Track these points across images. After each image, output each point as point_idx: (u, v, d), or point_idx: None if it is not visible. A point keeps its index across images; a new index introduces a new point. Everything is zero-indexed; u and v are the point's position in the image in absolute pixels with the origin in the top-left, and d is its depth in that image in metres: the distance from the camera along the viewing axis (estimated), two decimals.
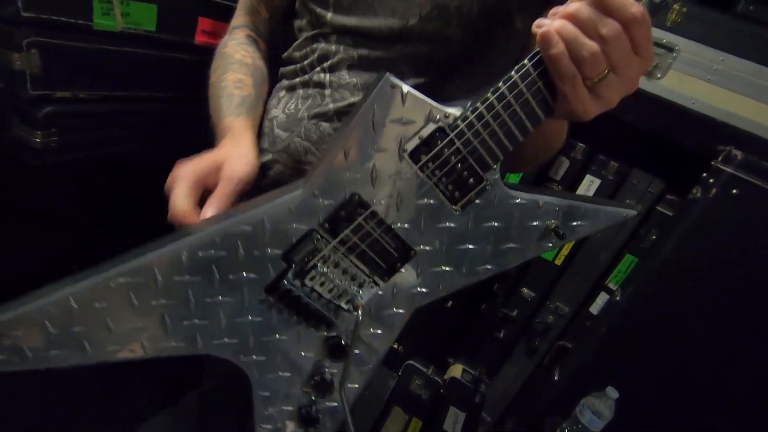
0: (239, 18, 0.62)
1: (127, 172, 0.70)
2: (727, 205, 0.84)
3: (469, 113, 0.39)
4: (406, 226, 0.43)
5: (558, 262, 1.13)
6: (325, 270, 0.43)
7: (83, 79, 0.61)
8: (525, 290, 1.17)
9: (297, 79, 0.58)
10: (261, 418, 0.49)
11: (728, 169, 0.84)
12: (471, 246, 0.45)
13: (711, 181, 0.86)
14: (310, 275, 0.43)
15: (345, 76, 0.53)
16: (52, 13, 0.54)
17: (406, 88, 0.38)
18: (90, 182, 0.63)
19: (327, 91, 0.55)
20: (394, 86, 0.38)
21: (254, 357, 0.46)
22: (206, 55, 0.59)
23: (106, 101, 0.65)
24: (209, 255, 0.41)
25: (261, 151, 0.61)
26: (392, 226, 0.42)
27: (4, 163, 0.61)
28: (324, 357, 0.48)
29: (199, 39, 0.73)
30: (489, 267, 0.46)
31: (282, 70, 0.61)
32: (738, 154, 0.84)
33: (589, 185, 1.05)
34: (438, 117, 0.39)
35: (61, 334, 0.40)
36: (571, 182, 1.08)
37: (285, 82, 0.60)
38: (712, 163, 0.87)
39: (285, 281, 0.42)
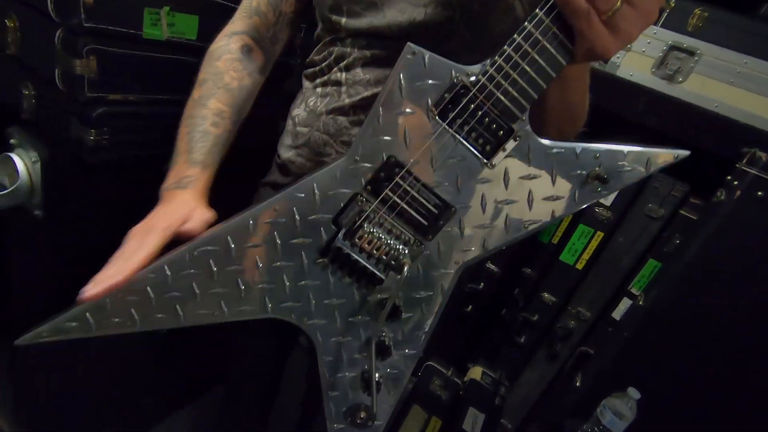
0: (240, 21, 0.63)
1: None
2: (752, 208, 0.83)
3: (488, 67, 0.41)
4: (443, 183, 0.45)
5: (579, 266, 1.12)
6: (371, 230, 0.46)
7: (133, 84, 0.67)
8: (546, 295, 1.17)
9: (317, 80, 0.62)
10: (327, 384, 0.52)
11: (753, 171, 0.83)
12: (511, 200, 0.45)
13: (735, 183, 0.85)
14: (358, 234, 0.46)
15: (359, 73, 0.58)
16: (109, 23, 0.61)
17: (426, 53, 0.42)
18: (136, 179, 0.69)
19: (343, 88, 0.59)
20: (415, 53, 0.42)
21: (316, 320, 0.49)
22: None
23: (152, 104, 0.72)
24: (271, 222, 0.46)
25: (284, 147, 0.66)
26: (429, 185, 0.45)
27: (67, 161, 0.68)
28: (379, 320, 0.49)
29: None
30: (533, 220, 0.46)
31: (304, 72, 0.66)
32: (762, 156, 0.83)
33: None
34: (459, 75, 0.42)
35: (159, 299, 0.46)
36: None
37: (307, 84, 0.65)
38: (737, 165, 0.86)
39: (336, 242, 0.46)
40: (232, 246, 0.46)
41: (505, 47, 0.40)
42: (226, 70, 0.59)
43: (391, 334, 0.50)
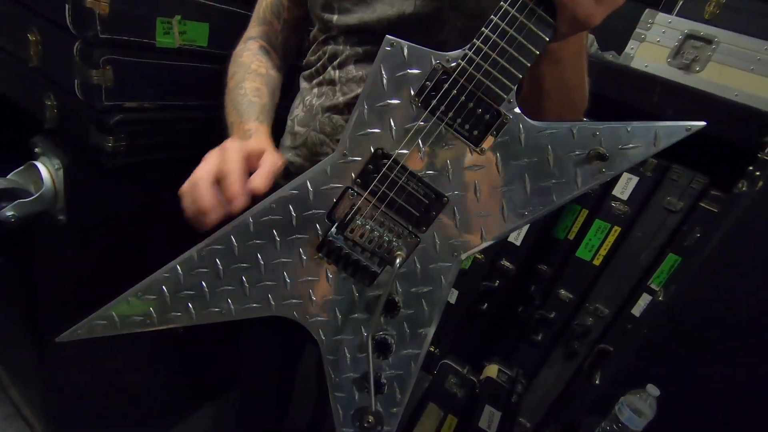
0: (253, 29, 0.67)
1: (188, 174, 0.78)
2: None
3: (467, 51, 0.41)
4: (432, 172, 0.44)
5: (597, 262, 1.10)
6: (362, 223, 0.46)
7: (148, 91, 0.70)
8: (562, 291, 1.15)
9: (314, 80, 0.63)
10: (333, 385, 0.51)
11: None
12: (506, 187, 0.44)
13: (757, 174, 0.83)
14: (350, 228, 0.46)
15: (352, 70, 0.58)
16: (123, 33, 0.63)
17: (405, 43, 0.42)
18: (154, 182, 0.71)
19: (337, 87, 0.60)
20: (393, 44, 0.42)
21: (318, 318, 0.50)
22: None
23: (167, 110, 0.74)
24: (269, 219, 0.47)
25: (284, 148, 0.67)
26: (417, 174, 0.44)
27: (87, 167, 0.71)
28: (379, 316, 0.49)
29: None
30: (533, 208, 0.44)
31: (302, 73, 0.67)
32: None
33: (626, 183, 1.03)
34: (440, 62, 0.42)
35: (173, 298, 0.49)
36: (607, 183, 1.06)
37: (304, 84, 0.66)
38: (759, 155, 0.84)
39: (329, 236, 0.46)
40: (235, 244, 0.48)
41: (483, 29, 0.40)
42: (252, 61, 0.62)
43: (393, 332, 0.49)
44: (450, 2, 0.54)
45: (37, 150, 0.73)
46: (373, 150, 0.44)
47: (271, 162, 0.48)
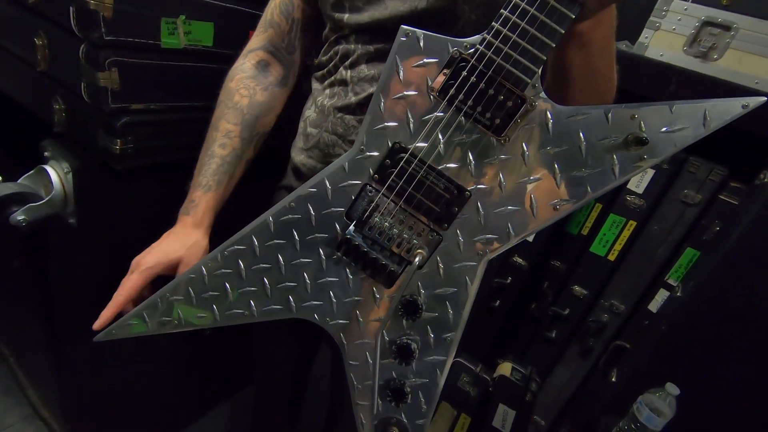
0: (255, 39, 0.66)
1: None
2: None
3: (485, 35, 0.38)
4: (453, 165, 0.41)
5: (611, 257, 1.08)
6: (380, 220, 0.44)
7: (154, 92, 0.70)
8: (576, 288, 1.14)
9: (325, 81, 0.62)
10: (356, 393, 0.49)
11: None
12: (533, 177, 0.40)
13: None
14: (368, 225, 0.45)
15: (364, 69, 0.57)
16: (128, 35, 0.63)
17: (420, 32, 0.40)
18: (163, 183, 0.71)
19: (349, 87, 0.58)
20: (408, 34, 0.40)
21: (339, 320, 0.48)
22: None
23: (173, 111, 0.74)
24: (288, 219, 0.46)
25: (296, 150, 0.67)
26: (437, 168, 0.42)
27: (96, 170, 0.72)
28: (401, 319, 0.47)
29: None
30: (564, 199, 0.40)
31: (314, 74, 0.66)
32: None
33: (642, 176, 1.01)
34: (457, 49, 0.40)
35: (198, 299, 0.49)
36: None
37: (316, 85, 0.65)
38: None
39: (347, 233, 0.45)
40: (256, 245, 0.47)
41: (502, 10, 0.37)
42: (237, 89, 0.63)
43: (416, 337, 0.46)
44: None
45: (46, 154, 0.73)
46: (390, 144, 0.42)
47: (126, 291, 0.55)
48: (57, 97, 0.71)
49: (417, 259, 0.43)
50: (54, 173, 0.71)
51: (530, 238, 1.14)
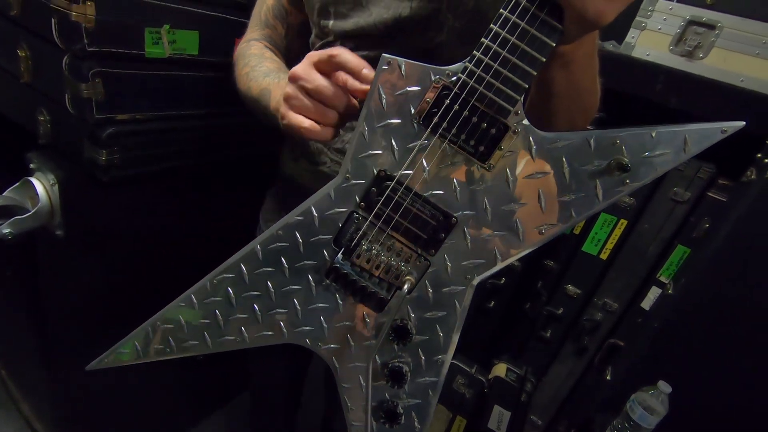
0: (255, 32, 0.66)
1: (184, 183, 0.77)
2: None
3: (467, 63, 0.39)
4: (439, 192, 0.42)
5: (603, 256, 1.09)
6: (369, 248, 0.45)
7: (140, 102, 0.69)
8: (570, 287, 1.14)
9: None
10: (350, 414, 0.50)
11: None
12: (519, 203, 0.41)
13: (766, 161, 0.80)
14: (356, 253, 0.45)
15: None
16: (112, 45, 0.62)
17: (401, 60, 0.40)
18: (151, 193, 0.71)
19: None
20: (390, 62, 0.41)
21: (331, 345, 0.49)
22: None
23: (159, 120, 0.74)
24: (276, 247, 0.47)
25: (284, 157, 0.66)
26: (423, 194, 0.42)
27: (83, 181, 0.71)
28: (392, 343, 0.47)
29: None
30: (550, 224, 0.40)
31: None
32: None
33: None
34: (439, 77, 0.40)
35: (189, 327, 0.50)
36: None
37: None
38: (767, 141, 0.81)
39: (335, 262, 0.45)
40: (245, 272, 0.47)
41: (483, 39, 0.38)
42: (264, 51, 0.62)
43: (408, 360, 0.47)
44: (447, 3, 0.52)
45: (32, 165, 0.72)
46: (375, 172, 0.43)
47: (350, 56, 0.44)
48: (41, 109, 0.71)
49: (406, 285, 0.44)
50: (40, 185, 0.70)
51: None
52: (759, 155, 0.81)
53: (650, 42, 0.94)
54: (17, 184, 0.71)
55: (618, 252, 1.06)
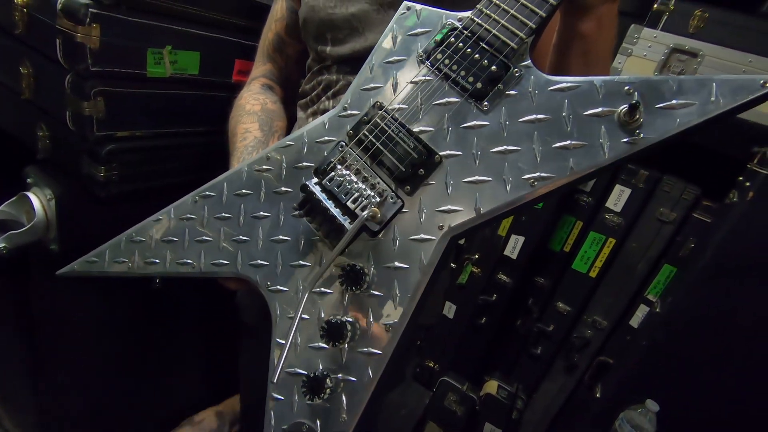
0: (258, 69, 0.70)
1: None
2: (765, 209, 0.81)
3: (479, 6, 0.40)
4: (428, 128, 0.40)
5: (593, 274, 1.11)
6: (343, 172, 0.42)
7: (139, 120, 0.70)
8: (560, 304, 1.15)
9: (309, 110, 0.64)
10: (273, 383, 0.43)
11: (764, 171, 0.81)
12: (510, 148, 0.37)
13: (747, 184, 0.83)
14: (329, 176, 0.42)
15: None
16: (114, 65, 0.64)
17: (419, 6, 0.42)
18: (147, 210, 0.71)
19: None
20: (409, 8, 0.43)
21: (279, 286, 0.45)
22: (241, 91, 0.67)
23: (159, 137, 0.75)
24: (261, 170, 0.47)
25: None
26: (410, 127, 0.40)
27: (80, 196, 0.72)
28: (342, 294, 0.42)
29: (236, 78, 0.82)
30: (543, 174, 0.36)
31: (298, 102, 0.68)
32: None
33: (619, 195, 1.04)
34: (450, 20, 0.41)
35: (157, 243, 0.50)
36: (601, 195, 1.07)
37: (300, 113, 0.67)
38: (748, 165, 0.84)
39: (308, 183, 0.43)
40: (225, 193, 0.48)
41: None
42: (247, 101, 0.64)
43: (355, 319, 0.40)
44: None
45: (29, 180, 0.73)
46: (372, 103, 0.43)
47: None
48: (41, 124, 0.72)
49: (365, 212, 0.39)
50: (36, 200, 0.70)
51: (514, 256, 1.16)
52: (740, 178, 0.84)
53: (636, 67, 0.98)
54: (14, 198, 0.72)
55: (607, 270, 1.08)
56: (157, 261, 0.50)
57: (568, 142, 0.35)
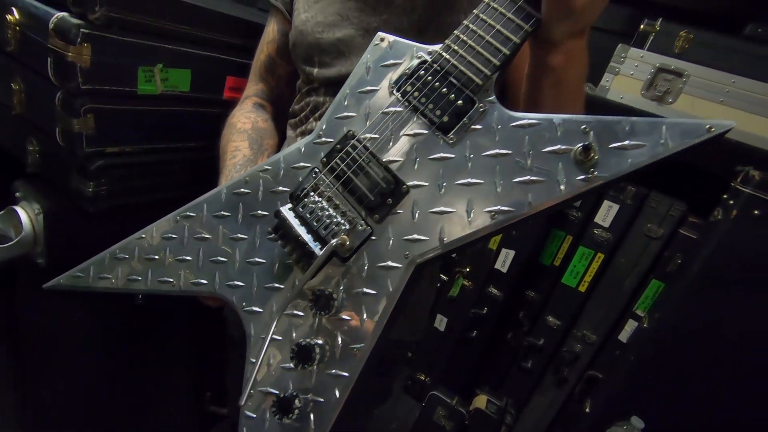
0: (250, 88, 0.71)
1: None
2: (749, 226, 0.82)
3: (448, 41, 0.42)
4: (397, 159, 0.41)
5: (582, 288, 1.11)
6: (317, 199, 0.44)
7: (129, 136, 0.71)
8: (550, 318, 1.16)
9: (297, 130, 0.65)
10: (247, 401, 0.44)
11: (747, 190, 0.82)
12: (473, 180, 0.38)
13: (731, 202, 0.84)
14: (302, 203, 0.44)
15: None
16: (105, 83, 0.64)
17: (392, 37, 0.44)
18: (135, 225, 0.72)
19: None
20: (383, 38, 0.45)
21: (253, 307, 0.46)
22: (233, 107, 0.69)
23: (148, 153, 0.75)
24: (239, 192, 0.48)
25: None
26: (380, 157, 0.42)
27: (68, 211, 0.72)
28: (312, 318, 0.43)
29: (227, 94, 0.83)
30: (503, 208, 0.37)
31: (288, 122, 0.69)
32: (756, 174, 0.82)
33: (607, 211, 1.05)
34: (421, 53, 0.43)
35: (139, 260, 0.51)
36: (590, 210, 1.08)
37: (290, 133, 0.68)
38: (732, 184, 0.86)
39: (282, 210, 0.45)
40: (205, 213, 0.49)
41: (464, 21, 0.41)
42: (239, 120, 0.65)
43: (323, 342, 0.41)
44: None
45: (18, 194, 0.73)
46: (345, 131, 0.45)
47: None
48: (31, 139, 0.72)
49: (335, 240, 0.41)
50: (24, 214, 0.70)
51: (504, 269, 1.17)
52: (725, 196, 0.86)
53: (623, 86, 1.00)
54: (2, 212, 0.72)
55: (596, 285, 1.09)
56: (139, 278, 0.51)
57: (528, 177, 0.37)
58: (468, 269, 1.23)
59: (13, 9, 0.65)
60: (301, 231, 0.43)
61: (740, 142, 0.88)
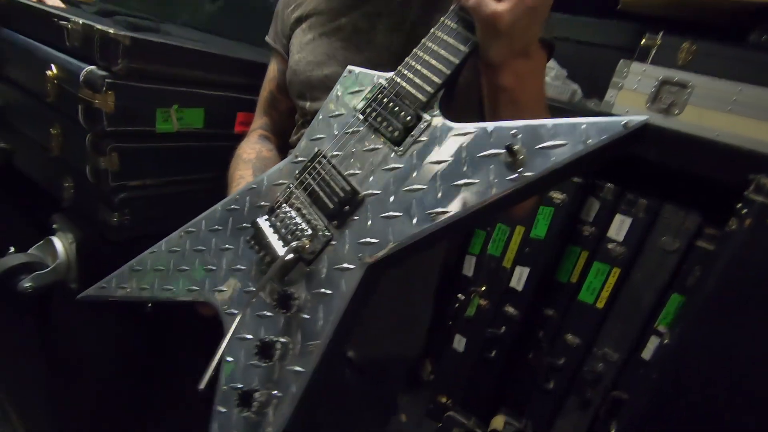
0: (256, 122, 0.77)
1: None
2: (765, 235, 0.79)
3: (400, 67, 0.48)
4: (357, 171, 0.47)
5: (600, 305, 1.08)
6: (287, 210, 0.50)
7: (150, 170, 0.78)
8: (569, 336, 1.13)
9: None
10: (219, 395, 0.47)
11: (759, 199, 0.80)
12: (417, 186, 0.43)
13: (745, 212, 0.82)
14: (275, 213, 0.50)
15: None
16: (127, 125, 0.72)
17: (358, 69, 0.51)
18: None
19: None
20: (351, 70, 0.51)
21: (233, 310, 0.51)
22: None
23: (167, 185, 0.82)
24: (230, 208, 0.54)
25: None
26: (341, 170, 0.48)
27: (98, 240, 0.79)
28: (278, 315, 0.46)
29: (238, 129, 0.90)
30: (442, 210, 0.40)
31: (289, 151, 0.73)
32: (767, 182, 0.80)
33: (620, 225, 1.03)
34: (380, 80, 0.49)
35: (149, 271, 0.57)
36: (604, 224, 1.06)
37: None
38: (745, 193, 0.83)
39: (258, 220, 0.51)
40: (203, 228, 0.55)
41: (414, 49, 0.47)
42: (244, 151, 0.71)
43: (285, 339, 0.45)
44: None
45: (55, 226, 0.81)
46: (315, 151, 0.51)
47: None
48: (67, 177, 0.80)
49: (294, 243, 0.45)
50: (60, 244, 0.78)
51: (519, 287, 1.16)
52: (739, 206, 0.83)
53: (628, 100, 1.00)
54: (40, 242, 0.80)
55: (614, 301, 1.06)
56: (148, 287, 0.57)
57: (464, 180, 0.41)
58: (483, 288, 1.22)
59: (52, 65, 0.74)
60: (273, 238, 0.48)
61: (751, 150, 0.86)
